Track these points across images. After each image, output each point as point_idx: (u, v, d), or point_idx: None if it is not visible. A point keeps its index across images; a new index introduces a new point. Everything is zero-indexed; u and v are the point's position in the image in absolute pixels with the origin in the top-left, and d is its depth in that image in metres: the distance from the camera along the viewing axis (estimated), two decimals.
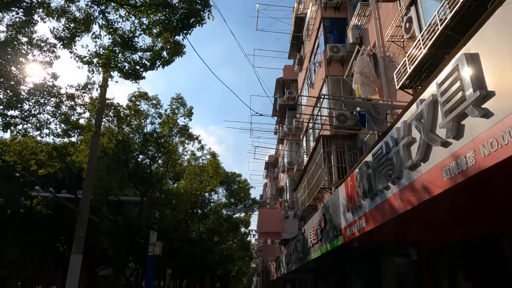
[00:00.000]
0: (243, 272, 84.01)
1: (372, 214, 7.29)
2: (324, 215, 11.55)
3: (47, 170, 10.90)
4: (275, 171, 50.34)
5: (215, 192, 28.02)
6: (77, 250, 10.75)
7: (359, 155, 13.27)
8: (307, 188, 17.79)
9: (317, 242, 12.58)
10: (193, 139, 16.42)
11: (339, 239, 9.74)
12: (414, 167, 5.49)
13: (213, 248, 32.99)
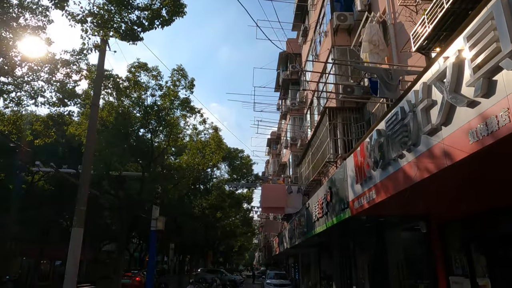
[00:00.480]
0: (245, 247, 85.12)
1: (383, 185, 6.95)
2: (330, 188, 11.26)
3: (44, 141, 10.56)
4: (277, 147, 50.06)
5: (218, 168, 27.86)
6: (78, 224, 10.54)
7: (366, 127, 12.85)
8: (311, 163, 17.47)
9: (322, 216, 12.35)
10: (195, 112, 15.99)
11: (346, 212, 9.47)
12: (434, 131, 5.09)
13: (216, 224, 33.08)
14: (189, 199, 25.58)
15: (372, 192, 7.51)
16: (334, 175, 10.99)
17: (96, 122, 11.43)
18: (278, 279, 24.19)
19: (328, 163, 14.22)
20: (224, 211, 29.13)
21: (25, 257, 32.21)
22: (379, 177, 7.13)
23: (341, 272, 18.08)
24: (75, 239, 10.34)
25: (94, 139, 11.17)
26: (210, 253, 45.36)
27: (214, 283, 22.27)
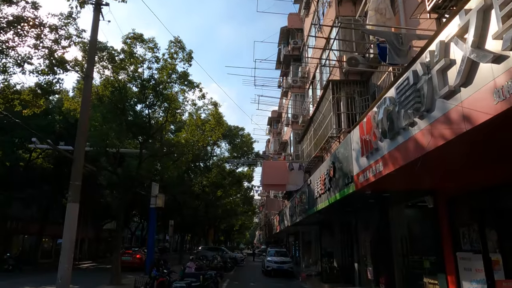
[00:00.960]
0: (246, 226, 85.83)
1: (391, 156, 6.56)
2: (333, 163, 10.90)
3: (33, 111, 10.13)
4: (278, 126, 49.59)
5: (218, 146, 27.44)
6: (73, 199, 10.24)
7: (371, 101, 12.37)
8: (313, 139, 17.07)
9: (324, 192, 12.04)
10: (194, 87, 15.45)
11: (350, 186, 9.12)
12: (451, 94, 4.65)
13: (216, 202, 32.99)
14: (189, 177, 25.34)
15: (379, 164, 7.13)
16: (338, 149, 10.60)
17: (90, 94, 10.98)
18: (279, 257, 24.16)
19: (331, 138, 13.82)
20: (224, 190, 28.93)
21: (26, 235, 32.36)
22: (387, 148, 6.73)
23: (343, 249, 17.96)
24: (70, 215, 10.06)
25: (88, 111, 10.75)
26: (211, 231, 45.58)
27: (215, 260, 22.22)
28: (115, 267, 13.75)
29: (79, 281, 17.00)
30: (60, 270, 9.63)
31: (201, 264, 16.25)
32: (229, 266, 25.96)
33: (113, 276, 13.60)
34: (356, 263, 15.05)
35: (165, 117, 15.33)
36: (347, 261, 17.24)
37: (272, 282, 19.58)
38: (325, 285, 16.28)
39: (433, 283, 9.21)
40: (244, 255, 42.36)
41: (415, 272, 10.57)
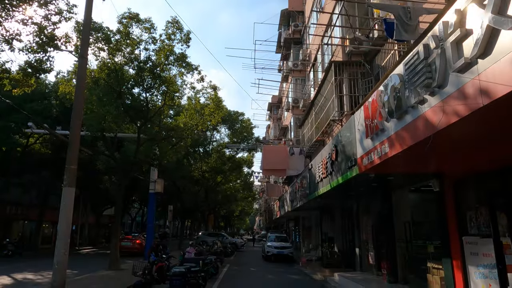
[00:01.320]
0: (246, 212, 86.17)
1: (398, 137, 6.26)
2: (335, 147, 10.61)
3: (23, 90, 9.77)
4: (278, 112, 49.20)
5: (217, 131, 27.12)
6: (69, 183, 9.97)
7: (375, 82, 12.01)
8: (314, 123, 16.75)
9: (326, 176, 11.79)
10: (192, 69, 15.05)
11: (354, 169, 8.85)
12: (467, 67, 4.33)
13: (216, 188, 32.85)
14: (188, 162, 25.11)
15: (385, 145, 6.84)
16: (341, 131, 10.30)
17: (84, 75, 10.62)
18: (279, 242, 24.09)
19: (333, 121, 13.51)
20: (224, 175, 28.73)
21: (26, 221, 32.34)
22: (394, 129, 6.43)
23: (343, 234, 17.84)
24: (66, 199, 9.80)
25: (83, 93, 10.41)
26: (211, 217, 45.62)
27: (215, 246, 22.14)
28: (113, 252, 13.61)
29: (78, 266, 16.92)
30: (56, 255, 9.42)
31: (200, 249, 16.12)
32: (229, 251, 25.91)
33: (111, 261, 13.46)
34: (357, 248, 14.92)
35: (163, 100, 14.97)
36: (348, 246, 17.13)
37: (272, 267, 19.52)
38: (325, 270, 16.18)
39: (437, 268, 9.03)
40: (244, 241, 42.43)
41: (418, 257, 10.40)
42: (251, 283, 13.21)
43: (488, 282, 7.04)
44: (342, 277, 13.12)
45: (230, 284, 12.57)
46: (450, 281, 8.20)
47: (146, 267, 9.82)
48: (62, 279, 9.39)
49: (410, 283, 10.52)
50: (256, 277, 15.07)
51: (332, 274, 14.47)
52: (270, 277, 15.29)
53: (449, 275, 8.23)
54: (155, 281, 10.20)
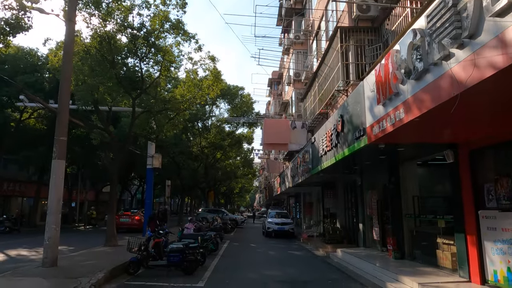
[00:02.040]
0: (246, 189, 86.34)
1: (417, 99, 5.62)
2: (341, 117, 9.98)
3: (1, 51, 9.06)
4: (278, 88, 48.28)
5: (217, 106, 26.34)
6: (59, 155, 9.40)
7: (383, 49, 11.26)
8: (317, 95, 16.05)
9: (331, 149, 11.20)
10: (189, 38, 14.22)
11: (362, 140, 8.25)
12: (510, 8, 3.64)
13: (216, 164, 32.41)
14: (187, 137, 24.52)
15: (400, 111, 6.20)
16: (348, 100, 9.63)
17: (72, 40, 9.88)
18: (280, 218, 23.81)
19: (338, 92, 12.82)
20: (224, 151, 28.21)
21: (25, 198, 32.07)
22: (411, 91, 5.78)
23: (346, 209, 17.44)
24: (56, 172, 9.26)
25: (71, 58, 9.71)
26: (211, 194, 45.44)
27: (215, 222, 21.86)
28: (110, 228, 13.19)
29: (75, 242, 16.62)
30: (47, 231, 8.98)
31: (200, 225, 15.75)
32: (229, 227, 25.72)
33: (108, 237, 13.07)
34: (360, 224, 14.51)
35: (159, 70, 14.22)
36: (350, 222, 16.76)
37: (273, 243, 19.25)
38: (327, 246, 15.85)
39: (448, 244, 8.58)
40: (244, 217, 42.41)
41: (427, 232, 9.95)
42: (251, 259, 12.86)
43: (507, 258, 6.56)
44: (345, 253, 12.75)
45: (230, 261, 12.21)
46: (463, 257, 7.75)
47: (142, 244, 9.38)
48: (54, 255, 8.98)
49: (418, 259, 10.10)
50: (256, 253, 14.74)
51: (335, 250, 14.13)
52: (271, 253, 14.96)
53: (462, 251, 7.77)
54: (152, 258, 9.80)
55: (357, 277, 9.72)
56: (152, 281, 8.56)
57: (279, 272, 10.22)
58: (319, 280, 9.15)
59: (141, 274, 9.28)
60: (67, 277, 7.84)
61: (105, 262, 9.67)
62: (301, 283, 8.73)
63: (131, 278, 8.79)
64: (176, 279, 8.83)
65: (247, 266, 11.30)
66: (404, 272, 8.64)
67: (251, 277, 9.43)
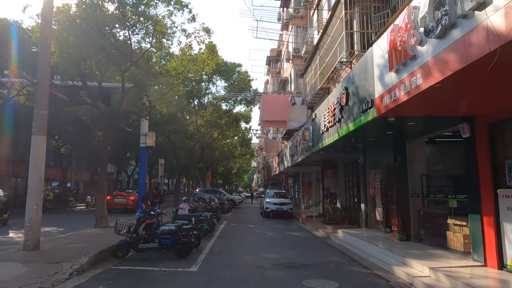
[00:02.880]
0: (244, 170, 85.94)
1: (439, 61, 4.85)
2: (345, 89, 9.21)
3: None
4: (277, 65, 47.12)
5: (213, 83, 25.37)
6: (39, 131, 8.66)
7: (391, 15, 10.38)
8: (318, 69, 15.19)
9: (333, 124, 10.47)
10: (182, 6, 13.26)
11: (370, 113, 7.51)
12: None
13: (213, 144, 31.70)
14: (183, 115, 23.70)
15: (416, 77, 5.45)
16: (353, 70, 8.84)
17: (51, 3, 8.96)
18: (278, 198, 23.27)
19: (341, 64, 11.99)
20: (221, 130, 27.41)
21: (19, 178, 31.42)
22: (432, 52, 5.01)
23: (347, 189, 16.87)
24: (36, 149, 8.54)
25: (50, 22, 8.83)
26: (209, 174, 44.95)
27: (212, 202, 21.33)
28: (101, 209, 12.54)
29: (67, 223, 16.06)
30: (28, 212, 8.32)
31: (195, 205, 15.16)
32: (226, 208, 25.21)
33: (98, 218, 12.44)
34: (362, 204, 13.94)
35: (150, 42, 13.30)
36: (351, 202, 16.23)
37: (271, 223, 18.75)
38: (327, 227, 15.34)
39: (460, 225, 7.97)
40: (242, 198, 42.02)
41: (436, 213, 9.35)
42: (249, 241, 12.30)
43: None
44: (346, 234, 12.21)
45: (226, 242, 11.64)
46: (477, 239, 7.14)
47: (131, 225, 8.74)
48: (36, 237, 8.34)
49: (425, 240, 9.54)
50: (254, 234, 14.21)
51: (335, 231, 13.60)
52: (269, 234, 14.43)
53: (477, 233, 7.16)
54: (144, 240, 9.19)
55: (361, 259, 9.16)
56: (141, 265, 7.96)
57: (278, 255, 9.65)
58: (320, 264, 8.58)
59: (130, 258, 8.68)
60: (48, 262, 7.22)
61: (93, 244, 9.06)
62: (302, 267, 8.15)
63: (119, 262, 8.18)
64: (167, 263, 8.24)
65: (244, 248, 10.73)
66: (411, 255, 8.07)
67: (248, 260, 8.85)
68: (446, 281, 6.24)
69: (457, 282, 5.93)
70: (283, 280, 7.00)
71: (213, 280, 6.79)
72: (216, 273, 7.36)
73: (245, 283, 6.64)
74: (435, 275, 6.58)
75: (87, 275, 6.92)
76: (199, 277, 7.05)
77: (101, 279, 6.73)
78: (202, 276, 7.11)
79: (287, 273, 7.56)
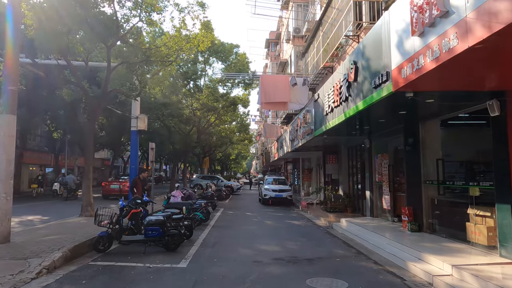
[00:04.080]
0: (242, 156, 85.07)
1: (483, 13, 3.85)
2: (354, 63, 8.19)
3: None
4: (276, 48, 45.76)
5: (209, 65, 24.14)
6: (8, 109, 7.64)
7: None
8: (322, 46, 14.09)
9: (339, 104, 9.49)
10: None
11: (384, 88, 6.52)
12: None
13: (211, 129, 30.68)
14: (177, 98, 22.57)
15: (449, 38, 4.44)
16: (363, 41, 7.80)
17: None
18: (278, 185, 22.38)
19: (347, 38, 10.92)
20: (218, 114, 26.34)
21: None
22: (474, 4, 3.99)
23: (350, 175, 15.98)
24: (4, 130, 7.53)
25: None
26: (207, 160, 44.04)
27: (209, 189, 20.46)
28: (86, 196, 11.59)
29: (54, 211, 15.20)
30: None
31: (189, 192, 14.25)
32: (223, 194, 24.37)
33: (83, 207, 11.52)
34: (367, 191, 13.05)
35: (138, 14, 12.15)
36: (355, 189, 15.36)
37: (270, 211, 17.92)
38: (329, 215, 14.49)
39: (484, 216, 7.06)
40: (240, 184, 41.19)
41: (453, 201, 8.44)
42: (246, 231, 11.43)
43: None
44: (350, 223, 11.35)
45: (221, 233, 10.76)
46: (506, 233, 6.24)
47: (113, 215, 7.82)
48: (5, 229, 7.44)
49: (439, 232, 8.66)
50: (252, 223, 13.34)
51: (338, 220, 12.75)
52: (268, 223, 13.57)
53: (506, 225, 6.25)
54: (130, 231, 8.29)
55: (369, 253, 8.29)
56: (123, 260, 7.07)
57: (278, 247, 8.78)
58: (324, 258, 7.71)
59: (112, 252, 7.80)
60: (15, 258, 6.32)
61: (72, 236, 8.16)
62: (304, 262, 7.27)
63: (99, 257, 7.29)
64: (154, 257, 7.36)
65: (240, 239, 9.85)
66: (427, 249, 7.19)
67: (244, 254, 7.97)
68: (473, 281, 5.35)
69: (488, 285, 5.05)
70: (284, 279, 6.11)
71: (203, 280, 5.89)
72: (208, 270, 6.47)
73: (240, 283, 5.75)
74: (459, 274, 5.69)
75: (58, 273, 6.02)
76: (187, 275, 6.16)
77: (73, 279, 5.82)
78: (191, 273, 6.22)
79: (288, 270, 6.68)
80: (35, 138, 35.62)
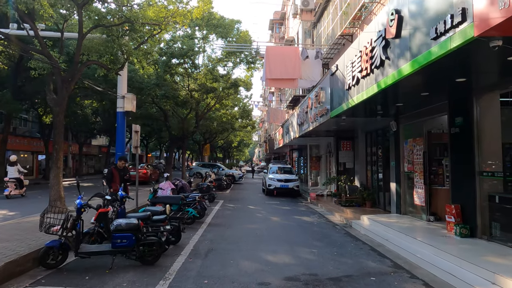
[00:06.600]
0: (245, 143, 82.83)
1: None
2: (397, 13, 6.02)
3: None
4: (281, 29, 43.24)
5: (208, 42, 21.70)
6: None
7: None
8: (339, 10, 11.82)
9: (369, 73, 7.33)
10: None
11: (456, 34, 4.36)
12: None
13: (211, 114, 28.53)
14: (172, 78, 20.41)
15: None
16: None
17: None
18: (283, 174, 20.31)
19: None
20: (218, 96, 24.13)
21: None
22: None
23: (369, 164, 13.91)
24: None
25: None
26: (207, 147, 41.99)
27: (208, 178, 18.44)
28: (54, 189, 9.54)
29: (30, 205, 13.24)
30: None
31: (182, 183, 12.20)
32: (224, 184, 22.36)
33: (50, 201, 9.49)
34: (393, 183, 10.95)
35: None
36: (375, 180, 13.30)
37: (276, 204, 15.91)
38: (345, 210, 12.48)
39: None
40: (243, 172, 39.17)
41: None
42: (248, 232, 9.38)
43: None
44: (374, 222, 9.33)
45: (217, 235, 8.71)
46: None
47: (67, 218, 5.75)
48: None
49: (502, 239, 6.57)
50: (255, 220, 11.29)
51: (357, 217, 10.74)
52: (274, 219, 11.52)
53: None
54: (98, 237, 6.28)
55: (411, 267, 6.26)
56: (77, 283, 5.04)
57: (289, 257, 6.74)
58: (355, 276, 5.68)
59: (67, 267, 5.78)
60: None
61: (17, 244, 6.14)
62: (330, 284, 5.23)
63: (45, 277, 5.27)
64: (122, 276, 5.35)
65: (241, 244, 7.80)
66: (501, 268, 5.12)
67: (246, 270, 5.93)
68: None
69: None
70: None
71: None
72: None
73: None
74: None
75: None
76: None
77: None
78: None
79: None
80: (24, 123, 33.66)
